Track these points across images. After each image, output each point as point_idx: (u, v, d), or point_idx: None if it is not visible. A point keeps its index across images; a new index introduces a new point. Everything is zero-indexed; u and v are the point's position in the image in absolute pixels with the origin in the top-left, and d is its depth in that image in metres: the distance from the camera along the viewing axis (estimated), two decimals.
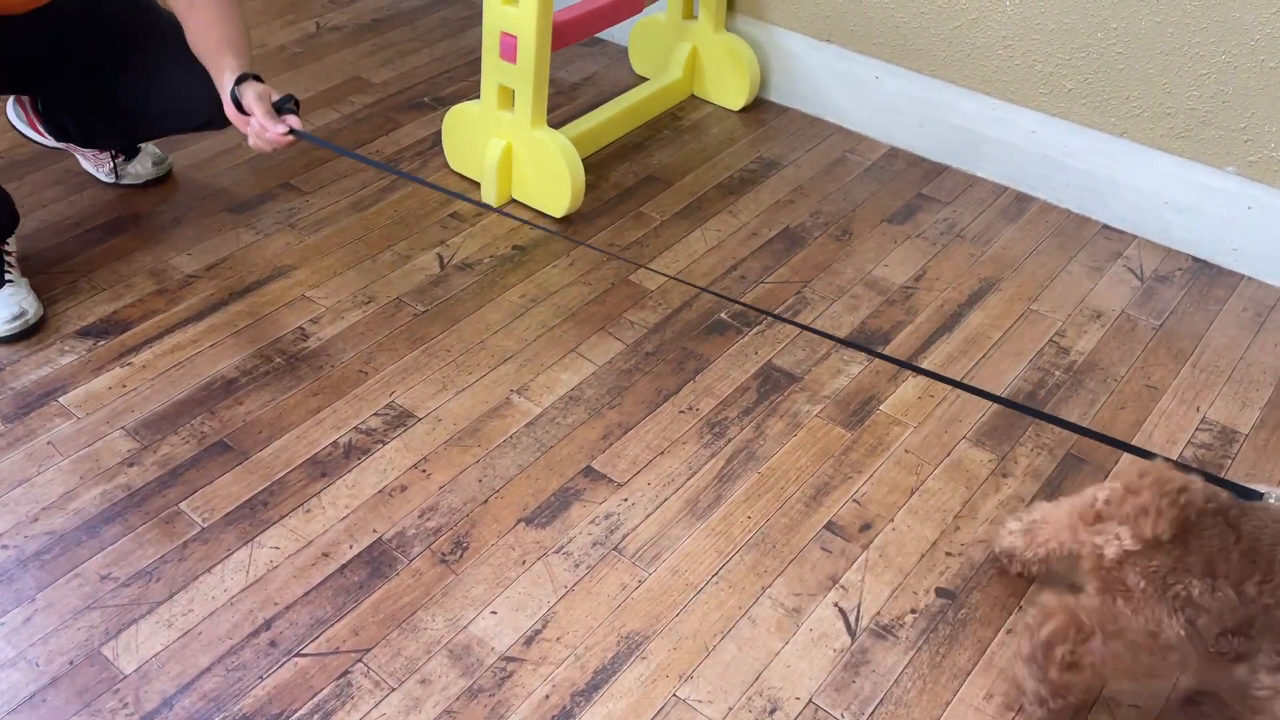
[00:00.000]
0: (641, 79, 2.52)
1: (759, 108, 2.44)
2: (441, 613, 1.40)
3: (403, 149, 2.26)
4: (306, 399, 1.68)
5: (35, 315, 1.76)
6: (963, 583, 1.46)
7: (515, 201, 2.11)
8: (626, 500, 1.55)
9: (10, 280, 1.77)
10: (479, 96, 2.08)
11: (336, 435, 1.63)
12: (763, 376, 1.76)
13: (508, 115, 2.02)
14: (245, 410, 1.66)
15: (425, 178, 2.17)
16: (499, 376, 1.74)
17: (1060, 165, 2.13)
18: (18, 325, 1.74)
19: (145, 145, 2.09)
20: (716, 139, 2.34)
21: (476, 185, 2.15)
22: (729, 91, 2.41)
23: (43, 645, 1.34)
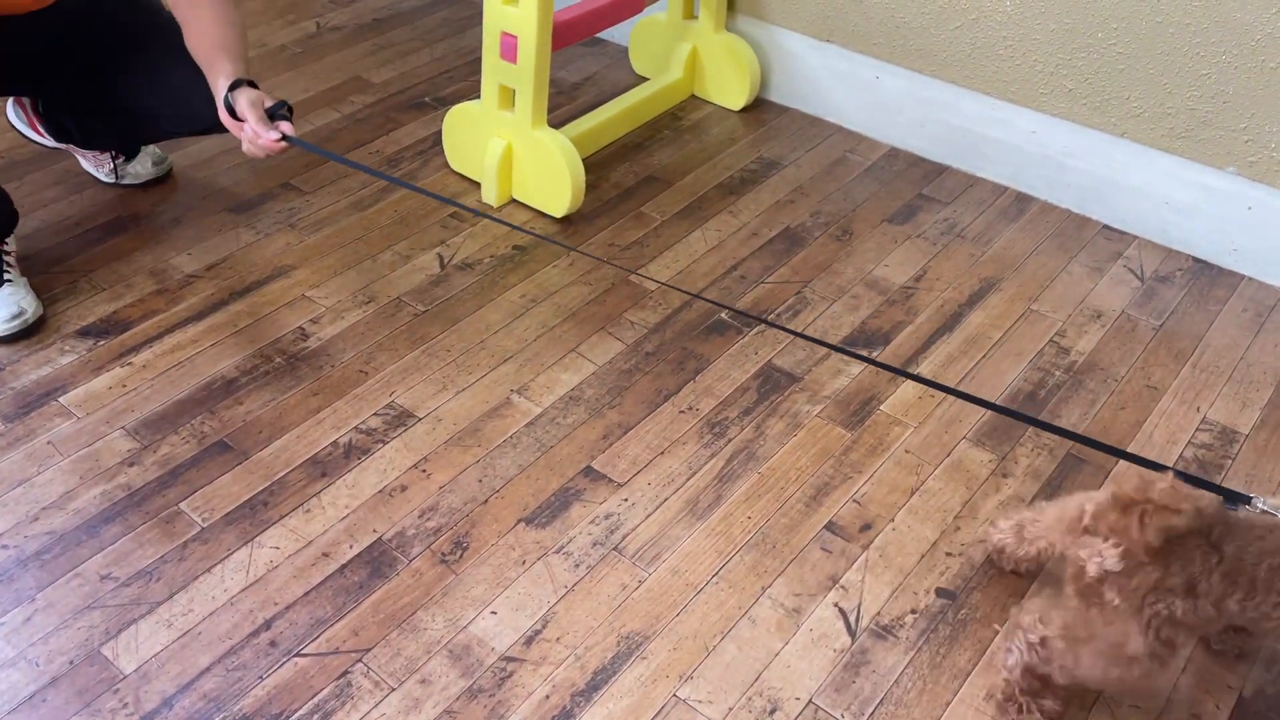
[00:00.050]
0: (642, 79, 2.52)
1: (759, 108, 2.44)
2: (441, 613, 1.39)
3: (403, 149, 2.26)
4: (306, 399, 1.68)
5: (34, 315, 1.76)
6: (963, 583, 1.46)
7: (515, 201, 2.11)
8: (627, 500, 1.55)
9: (9, 280, 1.77)
10: (479, 96, 2.08)
11: (336, 435, 1.63)
12: (763, 377, 1.76)
13: (508, 115, 2.02)
14: (245, 410, 1.66)
15: (426, 177, 2.17)
16: (499, 376, 1.74)
17: (1061, 165, 2.13)
18: (17, 325, 1.74)
19: (145, 145, 2.09)
20: (717, 139, 2.34)
21: (477, 185, 2.15)
22: (729, 91, 2.41)
23: (43, 645, 1.34)
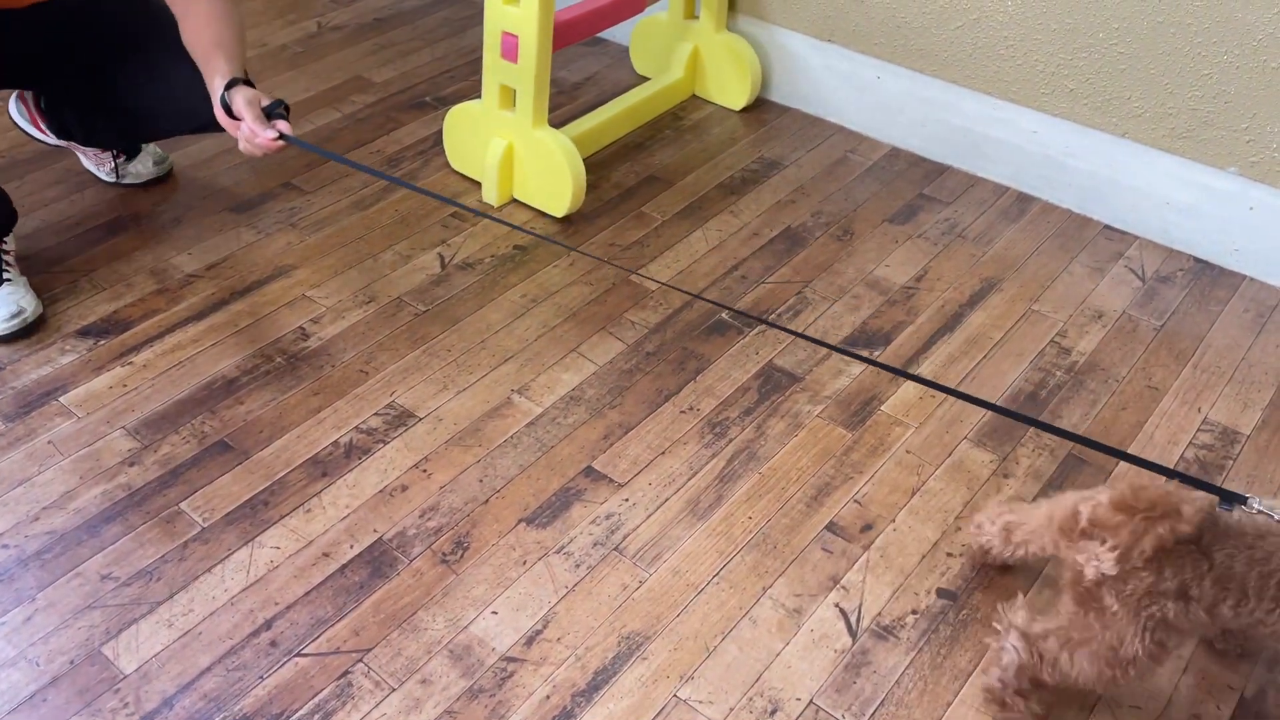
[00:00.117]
0: (643, 79, 2.52)
1: (760, 108, 2.44)
2: (442, 613, 1.39)
3: (404, 148, 2.26)
4: (307, 399, 1.68)
5: (34, 314, 1.76)
6: (964, 583, 1.46)
7: (516, 201, 2.11)
8: (627, 500, 1.55)
9: (9, 279, 1.76)
10: (480, 96, 2.08)
11: (337, 435, 1.63)
12: (764, 377, 1.76)
13: (509, 115, 2.02)
14: (246, 410, 1.66)
15: (427, 177, 2.17)
16: (500, 376, 1.74)
17: (1062, 165, 2.13)
18: (16, 324, 1.74)
19: (146, 145, 2.09)
20: (718, 139, 2.33)
21: (478, 185, 2.15)
22: (730, 91, 2.41)
23: (43, 645, 1.34)
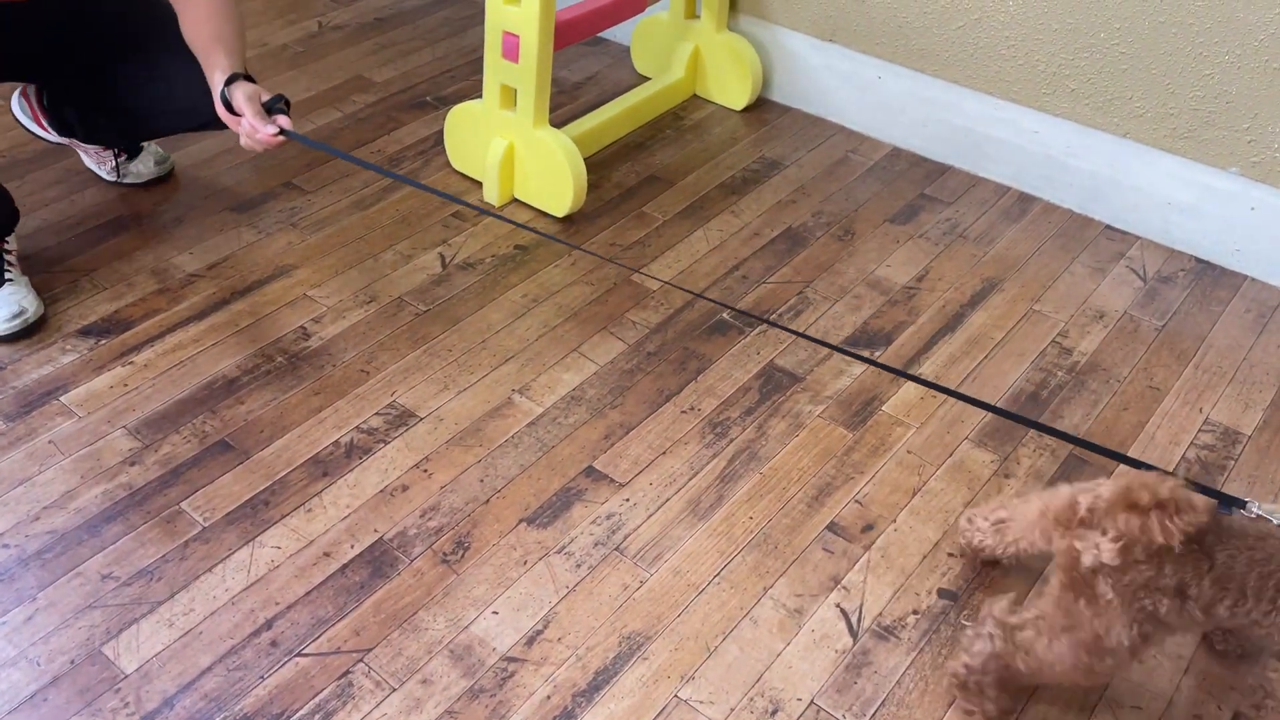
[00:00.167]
0: (644, 78, 2.51)
1: (761, 107, 2.44)
2: (443, 613, 1.39)
3: (405, 148, 2.26)
4: (308, 398, 1.68)
5: (35, 314, 1.76)
6: (965, 584, 1.46)
7: (517, 201, 2.11)
8: (628, 500, 1.55)
9: (10, 279, 1.76)
10: (481, 96, 2.08)
11: (338, 435, 1.63)
12: (765, 377, 1.76)
13: (510, 115, 2.02)
14: (247, 409, 1.66)
15: (428, 177, 2.17)
16: (501, 376, 1.74)
17: (1063, 165, 2.13)
18: (17, 324, 1.74)
19: (147, 144, 2.09)
20: (719, 139, 2.33)
21: (478, 185, 2.15)
22: (731, 91, 2.41)
23: (44, 644, 1.34)
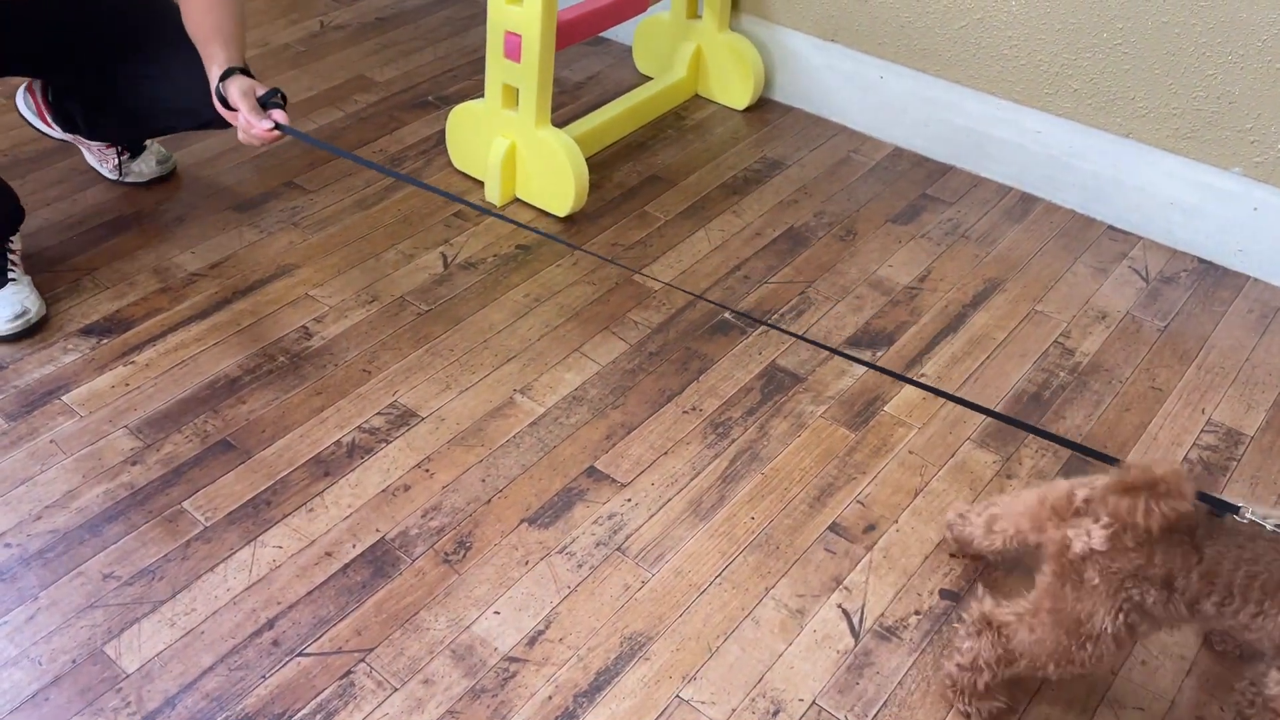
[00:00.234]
0: (645, 78, 2.51)
1: (763, 107, 2.44)
2: (444, 613, 1.39)
3: (406, 148, 2.26)
4: (310, 398, 1.68)
5: (37, 314, 1.76)
6: (967, 584, 1.46)
7: (519, 201, 2.11)
8: (630, 500, 1.55)
9: (13, 279, 1.76)
10: (483, 95, 2.08)
11: (340, 434, 1.63)
12: (766, 377, 1.75)
13: (512, 114, 2.02)
14: (248, 409, 1.66)
15: (429, 176, 2.17)
16: (502, 376, 1.74)
17: (1065, 166, 2.13)
18: (20, 324, 1.74)
19: (150, 143, 2.09)
20: (720, 139, 2.33)
21: (480, 184, 2.15)
22: (733, 91, 2.41)
23: (45, 644, 1.34)
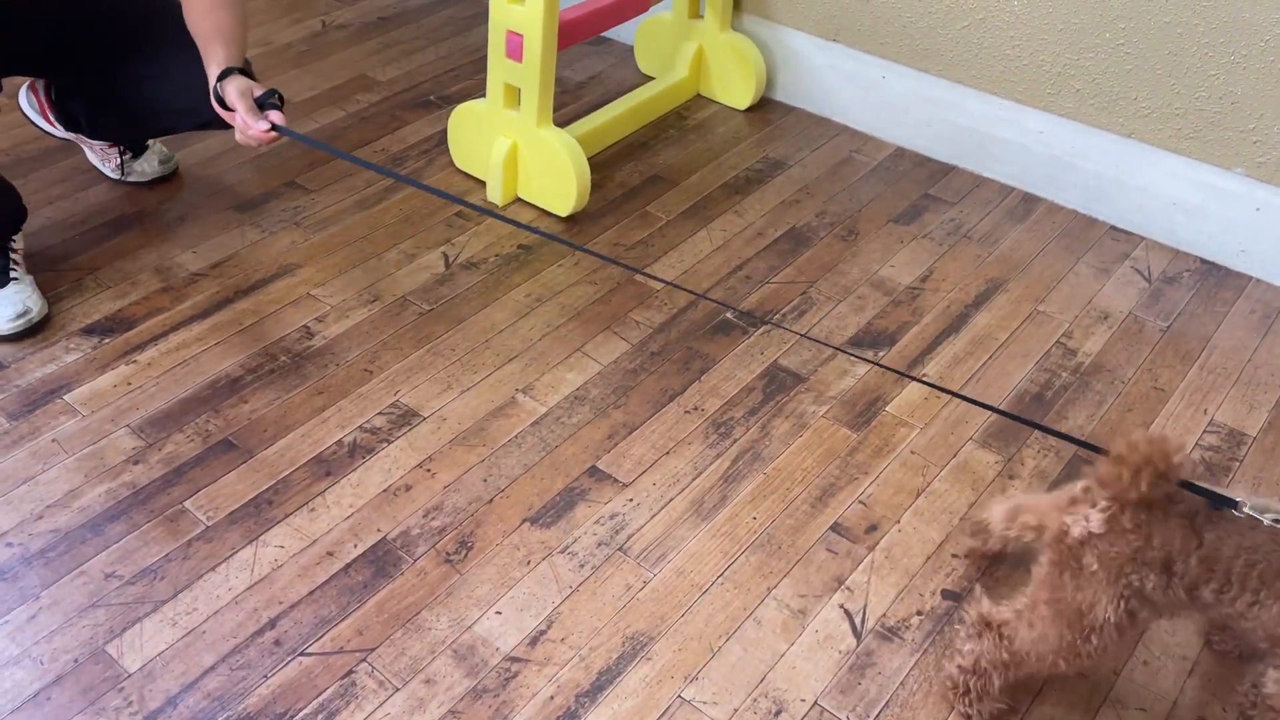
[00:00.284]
0: (647, 78, 2.51)
1: (765, 107, 2.44)
2: (446, 612, 1.39)
3: (408, 147, 2.26)
4: (311, 398, 1.68)
5: (39, 313, 1.76)
6: (969, 584, 1.45)
7: (520, 200, 2.11)
8: (632, 500, 1.55)
9: (15, 278, 1.76)
10: (485, 95, 2.08)
11: (341, 434, 1.62)
12: (768, 377, 1.75)
13: (513, 114, 2.02)
14: (250, 409, 1.66)
15: (431, 176, 2.17)
16: (504, 376, 1.74)
17: (1068, 166, 2.12)
18: (22, 323, 1.74)
19: (152, 143, 2.09)
20: (722, 138, 2.33)
21: (482, 184, 2.15)
22: (735, 91, 2.41)
23: (47, 643, 1.34)
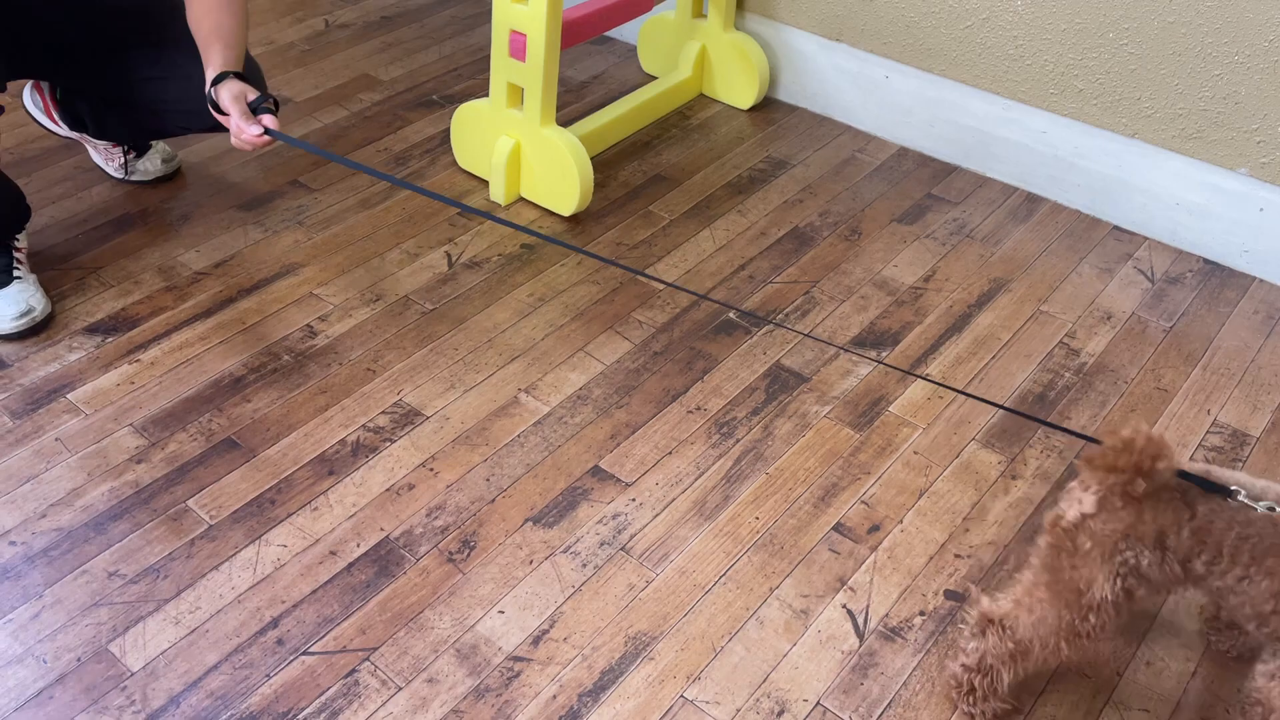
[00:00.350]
0: (650, 77, 2.51)
1: (768, 107, 2.44)
2: (449, 612, 1.39)
3: (411, 147, 2.26)
4: (314, 397, 1.68)
5: (43, 312, 1.76)
6: (973, 584, 1.45)
7: (523, 200, 2.11)
8: (634, 500, 1.55)
9: (19, 277, 1.77)
10: (488, 94, 2.08)
11: (344, 433, 1.63)
12: (771, 377, 1.75)
13: (517, 113, 2.02)
14: (253, 408, 1.66)
15: (434, 175, 2.17)
16: (507, 375, 1.74)
17: (1071, 166, 2.12)
18: (25, 322, 1.74)
19: (155, 142, 2.09)
20: (725, 138, 2.33)
21: (485, 183, 2.15)
22: (738, 90, 2.41)
23: (50, 642, 1.34)
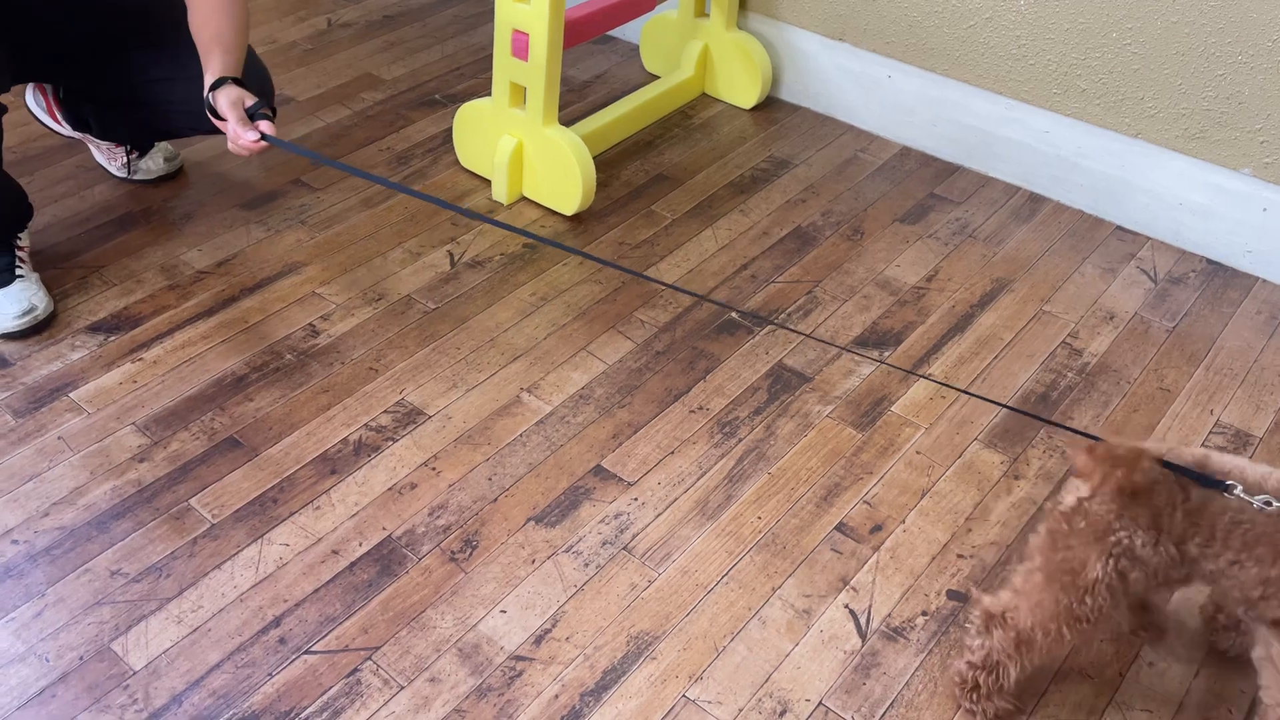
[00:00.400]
0: (653, 77, 2.51)
1: (770, 106, 2.43)
2: (451, 611, 1.39)
3: (413, 146, 2.26)
4: (317, 396, 1.68)
5: (45, 311, 1.76)
6: (974, 585, 1.45)
7: (526, 199, 2.11)
8: (636, 500, 1.55)
9: (21, 275, 1.77)
10: (490, 94, 2.08)
11: (347, 432, 1.63)
12: (773, 376, 1.75)
13: (519, 113, 2.02)
14: (255, 407, 1.66)
15: (436, 175, 2.17)
16: (509, 375, 1.74)
17: (1074, 166, 2.12)
18: (27, 321, 1.74)
19: (159, 142, 2.09)
20: (728, 137, 2.33)
21: (487, 183, 2.15)
22: (740, 90, 2.41)
23: (52, 640, 1.34)
